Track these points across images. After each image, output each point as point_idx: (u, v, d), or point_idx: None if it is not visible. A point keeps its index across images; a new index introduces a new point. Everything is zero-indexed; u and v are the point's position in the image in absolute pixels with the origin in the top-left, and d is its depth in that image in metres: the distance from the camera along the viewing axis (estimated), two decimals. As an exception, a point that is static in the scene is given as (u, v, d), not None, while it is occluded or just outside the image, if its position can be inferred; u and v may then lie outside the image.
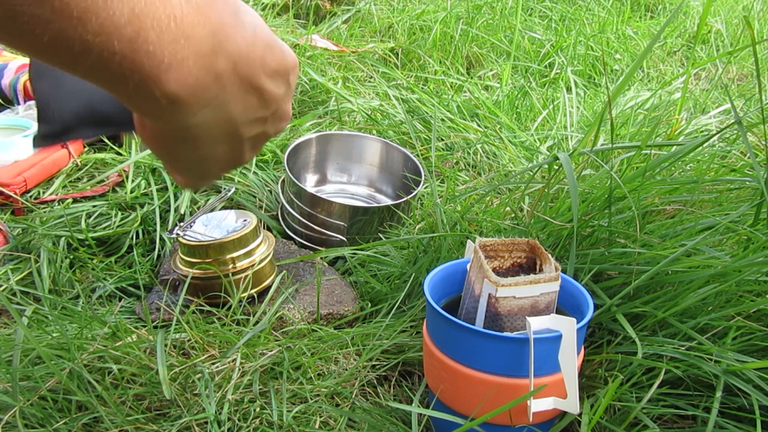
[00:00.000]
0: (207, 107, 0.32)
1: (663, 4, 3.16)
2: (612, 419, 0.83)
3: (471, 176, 1.61)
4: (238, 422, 0.83)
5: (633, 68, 1.17)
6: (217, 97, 0.32)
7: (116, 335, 0.94)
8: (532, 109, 1.95)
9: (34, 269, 1.14)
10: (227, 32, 0.31)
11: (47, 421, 0.81)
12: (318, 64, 1.99)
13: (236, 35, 0.32)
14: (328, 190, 1.56)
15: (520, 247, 0.86)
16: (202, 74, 0.31)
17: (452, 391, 0.80)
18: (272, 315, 1.03)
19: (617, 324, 0.87)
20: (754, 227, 0.89)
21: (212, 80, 0.31)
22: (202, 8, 0.30)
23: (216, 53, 0.31)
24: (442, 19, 2.34)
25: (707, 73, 2.52)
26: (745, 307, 0.83)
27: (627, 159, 1.14)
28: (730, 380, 0.77)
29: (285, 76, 0.37)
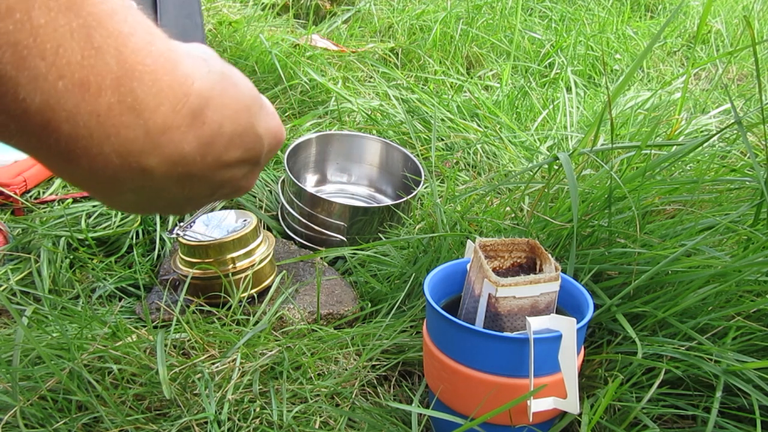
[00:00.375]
0: (128, 192, 0.31)
1: (663, 4, 3.16)
2: (612, 419, 0.83)
3: (471, 176, 1.61)
4: (238, 422, 0.83)
5: (633, 68, 1.17)
6: (143, 187, 0.31)
7: (116, 335, 0.94)
8: (532, 109, 1.95)
9: (34, 269, 1.14)
10: (170, 135, 0.29)
11: (47, 421, 0.81)
12: (318, 64, 1.99)
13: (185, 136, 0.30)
14: (328, 190, 1.56)
15: (520, 247, 0.86)
16: (120, 169, 0.29)
17: (452, 391, 0.80)
18: (272, 315, 1.03)
19: (617, 324, 0.87)
20: (754, 227, 0.89)
21: (136, 173, 0.30)
22: (141, 110, 0.28)
23: (146, 153, 0.29)
24: (442, 19, 2.34)
25: (707, 73, 2.52)
26: (745, 307, 0.83)
27: (627, 159, 1.14)
28: (730, 380, 0.77)
29: (251, 162, 0.36)
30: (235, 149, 0.34)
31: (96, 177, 0.29)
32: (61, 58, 0.24)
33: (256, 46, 1.99)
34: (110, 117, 0.27)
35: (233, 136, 0.33)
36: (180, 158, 0.30)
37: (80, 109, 0.26)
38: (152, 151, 0.29)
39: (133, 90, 0.27)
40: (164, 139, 0.29)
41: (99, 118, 0.26)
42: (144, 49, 0.27)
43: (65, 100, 0.25)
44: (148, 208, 0.36)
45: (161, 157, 0.30)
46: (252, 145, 0.35)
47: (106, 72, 0.26)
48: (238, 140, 0.34)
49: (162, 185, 0.32)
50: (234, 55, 1.97)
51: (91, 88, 0.26)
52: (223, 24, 2.09)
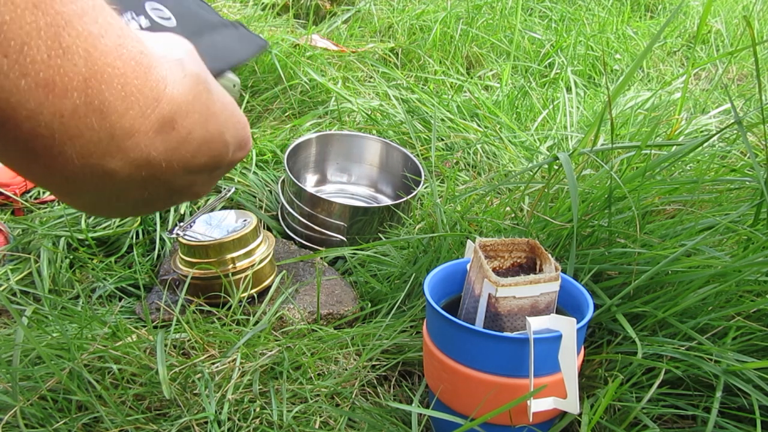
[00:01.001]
0: (87, 193, 0.31)
1: (663, 4, 3.16)
2: (612, 419, 0.83)
3: (471, 176, 1.61)
4: (238, 422, 0.83)
5: (633, 68, 1.17)
6: (104, 188, 0.30)
7: (116, 335, 0.94)
8: (532, 109, 1.95)
9: (34, 269, 1.14)
10: (136, 140, 0.29)
11: (47, 421, 0.81)
12: (318, 64, 1.99)
13: (152, 141, 0.29)
14: (328, 190, 1.56)
15: (520, 247, 0.86)
16: (81, 170, 0.28)
17: (452, 391, 0.80)
18: (272, 315, 1.03)
19: (617, 324, 0.87)
20: (754, 227, 0.89)
21: (98, 175, 0.29)
22: (107, 114, 0.27)
23: (109, 156, 0.28)
24: (442, 19, 2.34)
25: (707, 73, 2.52)
26: (745, 307, 0.83)
27: (627, 159, 1.14)
28: (730, 380, 0.77)
29: (214, 168, 0.36)
30: (202, 156, 0.33)
31: (55, 176, 0.28)
32: (25, 57, 0.24)
33: (256, 46, 1.98)
34: (74, 119, 0.26)
35: (202, 143, 0.33)
36: (145, 163, 0.30)
37: (43, 109, 0.25)
38: (116, 154, 0.28)
39: (101, 92, 0.26)
40: (130, 144, 0.29)
41: (62, 119, 0.26)
42: (114, 51, 0.27)
43: (27, 99, 0.24)
44: (106, 209, 0.35)
45: (125, 161, 0.29)
46: (218, 152, 0.35)
47: (73, 73, 0.25)
48: (205, 147, 0.33)
49: (123, 187, 0.31)
50: (234, 55, 1.97)
51: (56, 88, 0.25)
52: (223, 24, 2.08)
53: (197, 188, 0.37)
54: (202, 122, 0.32)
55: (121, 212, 0.37)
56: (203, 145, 0.33)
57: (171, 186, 0.34)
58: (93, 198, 0.32)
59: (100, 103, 0.26)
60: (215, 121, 0.33)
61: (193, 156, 0.33)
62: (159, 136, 0.30)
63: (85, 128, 0.26)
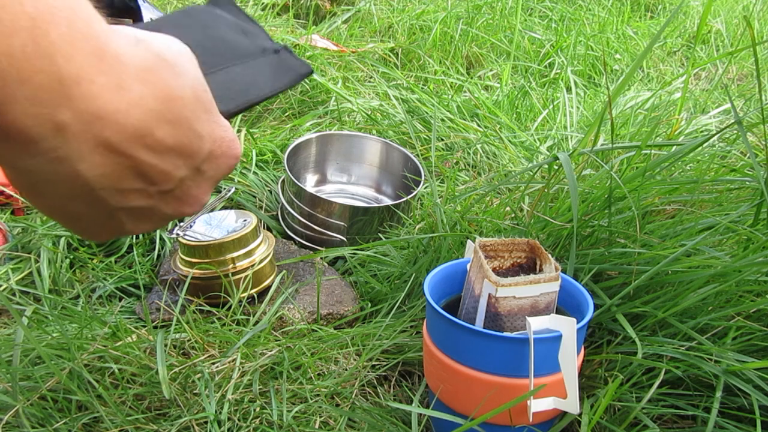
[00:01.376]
0: (40, 156, 0.30)
1: (663, 4, 3.16)
2: (612, 419, 0.83)
3: (471, 176, 1.61)
4: (238, 422, 0.83)
5: (633, 68, 1.17)
6: (56, 149, 0.29)
7: (116, 335, 0.94)
8: (532, 109, 1.95)
9: (34, 269, 1.14)
10: (85, 88, 0.28)
11: (47, 421, 0.81)
12: (318, 64, 1.99)
13: (101, 95, 0.29)
14: (328, 190, 1.56)
15: (520, 247, 0.86)
16: (33, 121, 0.28)
17: (452, 391, 0.80)
18: (272, 315, 1.03)
19: (617, 324, 0.87)
20: (754, 227, 0.89)
21: (49, 131, 0.28)
22: (55, 56, 0.27)
23: (59, 105, 0.28)
24: (442, 19, 2.34)
25: (707, 73, 2.52)
26: (745, 307, 0.83)
27: (627, 159, 1.14)
28: (730, 380, 0.77)
29: (189, 159, 0.35)
30: (164, 130, 0.32)
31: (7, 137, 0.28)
32: None
33: (256, 46, 1.98)
34: (23, 60, 0.26)
35: (162, 116, 0.32)
36: (94, 118, 0.29)
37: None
38: (66, 103, 0.28)
39: (48, 33, 0.26)
40: (77, 92, 0.28)
41: (11, 60, 0.26)
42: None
43: None
44: (69, 204, 0.33)
45: (74, 112, 0.29)
46: (186, 139, 0.34)
47: (20, 12, 0.25)
48: (167, 126, 0.32)
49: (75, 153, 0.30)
50: (234, 55, 1.97)
51: (3, 26, 0.25)
52: (223, 24, 2.08)
53: (183, 186, 0.36)
54: (160, 96, 0.32)
55: (85, 229, 0.35)
56: (165, 122, 0.32)
57: (138, 166, 0.32)
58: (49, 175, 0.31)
59: (48, 44, 0.26)
60: (179, 103, 0.33)
61: (149, 127, 0.32)
62: (107, 91, 0.29)
63: (35, 71, 0.26)
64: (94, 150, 0.30)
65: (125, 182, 0.33)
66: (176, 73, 0.33)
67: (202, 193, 0.38)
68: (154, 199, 0.35)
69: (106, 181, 0.32)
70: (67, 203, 0.33)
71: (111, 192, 0.33)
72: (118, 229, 0.36)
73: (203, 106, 0.34)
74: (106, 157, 0.31)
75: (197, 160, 0.35)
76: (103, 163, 0.31)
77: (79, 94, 0.28)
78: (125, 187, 0.33)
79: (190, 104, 0.33)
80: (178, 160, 0.34)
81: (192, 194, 0.37)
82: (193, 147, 0.34)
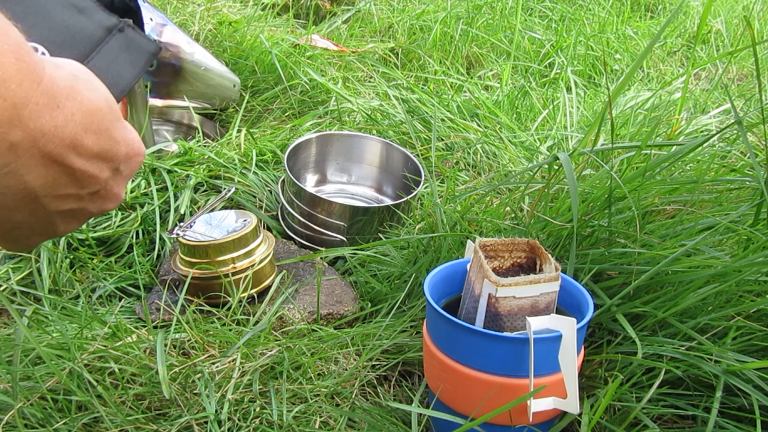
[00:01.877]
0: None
1: (663, 4, 3.16)
2: (612, 419, 0.83)
3: (471, 176, 1.61)
4: (238, 422, 0.83)
5: (633, 68, 1.17)
6: (9, 164, 0.34)
7: (116, 335, 0.94)
8: (532, 109, 1.95)
9: (34, 269, 1.14)
10: (32, 110, 0.33)
11: (47, 421, 0.81)
12: (318, 64, 1.99)
13: (43, 114, 0.34)
14: (328, 190, 1.56)
15: (520, 247, 0.86)
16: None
17: (452, 391, 0.80)
18: (272, 315, 1.03)
19: (617, 324, 0.87)
20: (754, 227, 0.89)
21: (5, 149, 0.33)
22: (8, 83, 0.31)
23: (12, 125, 0.32)
24: (442, 19, 2.34)
25: (707, 73, 2.52)
26: (745, 307, 0.83)
27: (627, 159, 1.14)
28: (730, 380, 0.77)
29: (110, 161, 0.40)
30: (90, 139, 0.37)
31: None
32: None
33: (256, 46, 1.99)
34: None
35: (88, 128, 0.37)
36: (40, 134, 0.34)
37: None
38: (18, 123, 0.33)
39: (3, 65, 0.31)
40: (26, 113, 0.33)
41: None
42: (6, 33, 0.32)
43: None
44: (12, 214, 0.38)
45: (25, 132, 0.33)
46: (107, 145, 0.39)
47: None
48: (92, 135, 0.37)
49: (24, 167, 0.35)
50: (234, 55, 1.97)
51: None
52: (223, 24, 2.09)
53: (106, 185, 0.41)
54: (85, 110, 0.37)
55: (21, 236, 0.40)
56: (90, 132, 0.37)
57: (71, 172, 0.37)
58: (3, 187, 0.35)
59: (3, 75, 0.31)
60: (98, 114, 0.38)
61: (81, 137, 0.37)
62: (47, 110, 0.34)
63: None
64: (39, 162, 0.35)
65: (62, 188, 0.38)
66: (92, 89, 0.38)
67: (121, 190, 0.44)
68: (84, 200, 0.40)
69: (48, 188, 0.37)
70: (10, 214, 0.38)
71: (51, 198, 0.38)
72: (51, 231, 0.41)
73: (115, 114, 0.40)
74: (49, 168, 0.36)
75: (117, 162, 0.40)
76: (45, 173, 0.36)
77: (27, 115, 0.33)
78: (62, 192, 0.38)
79: (107, 114, 0.39)
80: (102, 163, 0.39)
81: (114, 192, 0.42)
82: (113, 151, 0.39)
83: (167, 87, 1.61)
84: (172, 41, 1.57)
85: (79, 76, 0.38)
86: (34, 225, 0.40)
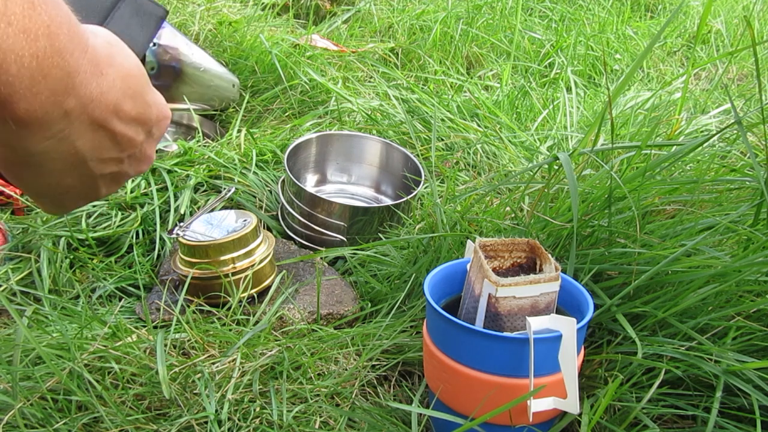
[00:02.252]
0: (52, 138, 0.36)
1: (663, 4, 3.16)
2: (612, 419, 0.83)
3: (471, 176, 1.61)
4: (238, 422, 0.83)
5: (633, 68, 1.17)
6: (63, 131, 0.36)
7: (116, 335, 0.94)
8: (532, 109, 1.95)
9: (34, 269, 1.14)
10: (82, 78, 0.35)
11: (47, 421, 0.81)
12: (318, 64, 1.99)
13: (91, 81, 0.36)
14: (328, 190, 1.56)
15: (520, 247, 0.86)
16: (51, 108, 0.34)
17: (452, 391, 0.80)
18: (272, 315, 1.03)
19: (617, 324, 0.87)
20: (754, 227, 0.89)
21: (60, 115, 0.35)
22: (63, 53, 0.33)
23: (68, 93, 0.34)
24: (442, 19, 2.34)
25: (707, 73, 2.52)
26: (745, 307, 0.83)
27: (627, 159, 1.14)
28: (730, 380, 0.77)
29: (145, 125, 0.42)
30: (129, 104, 0.39)
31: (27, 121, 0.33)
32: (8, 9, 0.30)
33: (256, 46, 1.99)
34: (45, 59, 0.32)
35: (126, 92, 0.39)
36: (89, 100, 0.36)
37: (25, 52, 0.31)
38: (72, 91, 0.35)
39: (59, 36, 0.32)
40: (78, 81, 0.35)
41: (38, 60, 0.32)
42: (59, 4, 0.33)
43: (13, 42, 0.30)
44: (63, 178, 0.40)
45: (78, 99, 0.35)
46: (143, 108, 0.41)
47: (40, 20, 0.31)
48: (130, 100, 0.39)
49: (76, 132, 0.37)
50: (234, 55, 1.97)
51: (30, 34, 0.31)
52: (223, 24, 2.09)
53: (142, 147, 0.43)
54: (123, 76, 0.39)
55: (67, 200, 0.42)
56: (128, 97, 0.39)
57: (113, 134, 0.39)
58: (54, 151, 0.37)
59: (59, 45, 0.33)
60: (134, 79, 0.40)
61: (121, 101, 0.39)
62: (94, 78, 0.36)
63: (52, 66, 0.32)
64: (88, 127, 0.37)
65: (106, 152, 0.40)
66: (125, 55, 0.40)
67: (153, 152, 0.46)
68: (124, 163, 0.42)
69: (95, 152, 0.39)
70: (61, 178, 0.40)
71: (96, 162, 0.40)
72: (94, 195, 0.43)
73: (146, 79, 0.42)
74: (96, 132, 0.38)
75: (150, 124, 0.42)
76: (93, 138, 0.38)
77: (78, 83, 0.35)
78: (106, 156, 0.40)
79: (140, 79, 0.41)
80: (139, 127, 0.41)
81: (147, 154, 0.44)
82: (147, 114, 0.41)
83: (168, 90, 1.61)
84: (171, 43, 1.57)
85: (113, 43, 0.39)
86: (81, 189, 0.42)
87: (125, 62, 0.39)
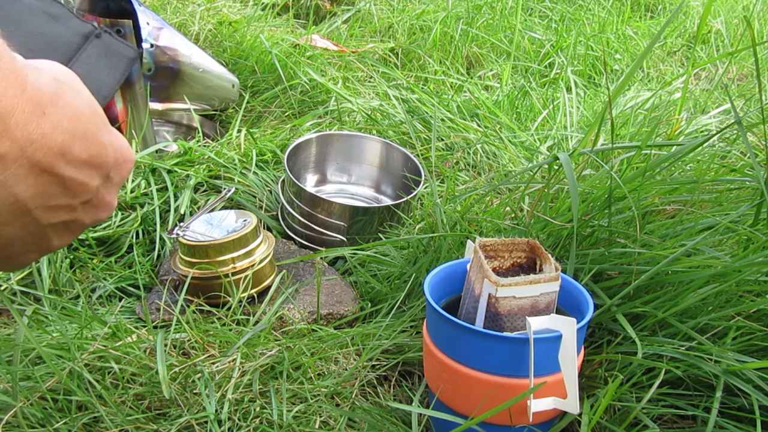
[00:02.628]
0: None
1: (663, 4, 3.16)
2: (612, 419, 0.83)
3: (471, 176, 1.61)
4: (238, 421, 0.83)
5: (633, 68, 1.17)
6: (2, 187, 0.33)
7: (116, 335, 0.94)
8: (532, 109, 1.95)
9: (34, 269, 1.14)
10: (18, 118, 0.32)
11: (47, 421, 0.81)
12: (318, 64, 1.99)
13: (29, 122, 0.33)
14: (328, 190, 1.56)
15: (520, 247, 0.86)
16: None
17: (452, 391, 0.80)
18: (272, 315, 1.03)
19: (617, 324, 0.87)
20: (754, 227, 0.89)
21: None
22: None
23: (1, 137, 0.31)
24: (442, 19, 2.34)
25: (707, 73, 2.52)
26: (745, 307, 0.83)
27: (627, 159, 1.14)
28: (730, 380, 0.77)
29: (100, 168, 0.38)
30: (78, 146, 0.36)
31: None
32: None
33: (256, 46, 1.99)
34: None
35: (75, 134, 0.36)
36: (27, 143, 0.33)
37: None
38: (5, 133, 0.32)
39: None
40: (13, 122, 0.32)
41: None
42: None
43: None
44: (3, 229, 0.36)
45: (12, 142, 0.32)
46: (96, 150, 0.37)
47: None
48: (80, 142, 0.36)
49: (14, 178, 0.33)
50: (234, 55, 1.97)
51: None
52: (223, 24, 2.09)
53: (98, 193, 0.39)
54: (71, 115, 0.36)
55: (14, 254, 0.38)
56: (77, 139, 0.36)
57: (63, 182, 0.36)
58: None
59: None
60: (84, 119, 0.36)
61: (69, 145, 0.35)
62: (34, 118, 0.33)
63: None
64: (29, 172, 0.34)
65: (54, 199, 0.36)
66: (75, 93, 0.37)
67: (112, 198, 0.42)
68: (77, 211, 0.39)
69: (39, 199, 0.36)
70: (2, 229, 0.36)
71: (43, 210, 0.36)
72: (45, 247, 0.39)
73: (101, 118, 0.38)
74: (38, 178, 0.34)
75: (106, 168, 0.39)
76: (35, 183, 0.35)
77: (13, 124, 0.32)
78: (54, 203, 0.37)
79: (92, 118, 0.37)
80: (93, 171, 0.38)
81: (106, 200, 0.41)
82: (102, 157, 0.38)
83: (166, 90, 1.61)
84: (170, 44, 1.57)
85: (62, 80, 0.37)
86: (27, 240, 0.38)
87: (75, 100, 0.36)
